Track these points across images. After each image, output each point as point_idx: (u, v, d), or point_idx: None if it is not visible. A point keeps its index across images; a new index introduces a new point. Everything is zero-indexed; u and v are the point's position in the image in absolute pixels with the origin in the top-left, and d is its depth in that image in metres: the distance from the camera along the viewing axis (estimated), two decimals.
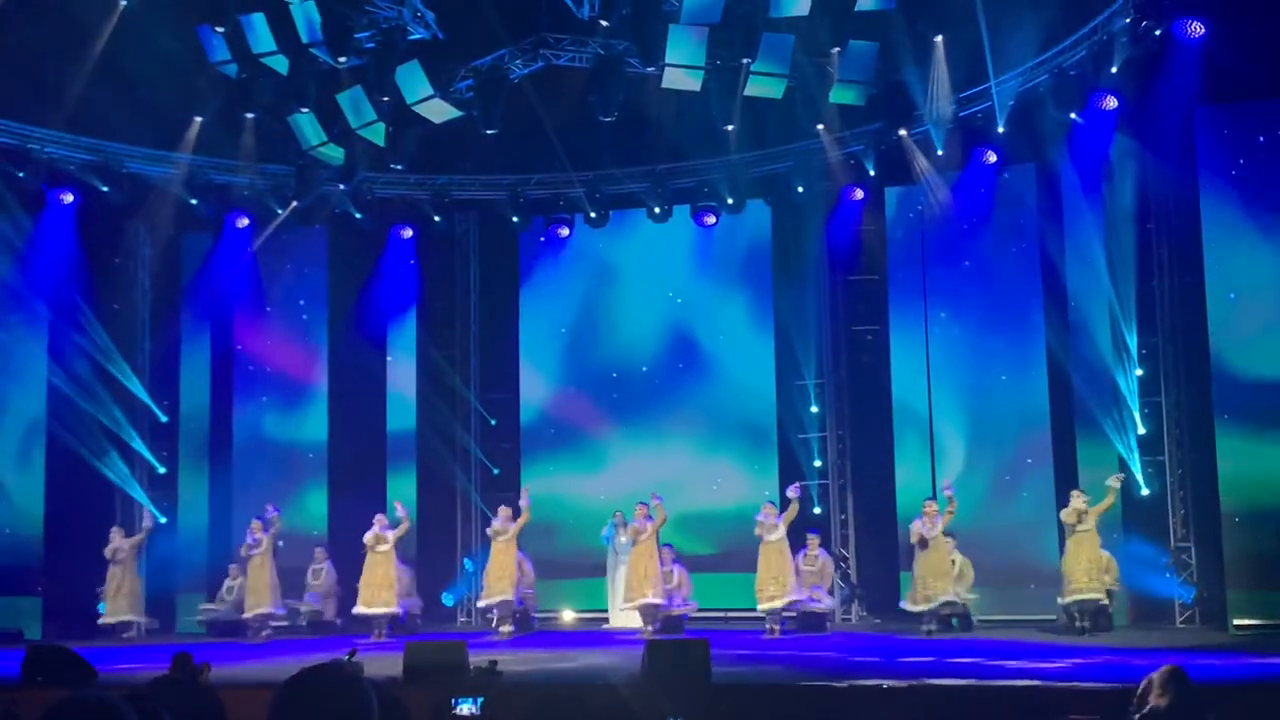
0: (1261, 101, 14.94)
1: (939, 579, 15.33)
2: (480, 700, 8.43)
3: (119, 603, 16.93)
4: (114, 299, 19.36)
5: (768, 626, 15.79)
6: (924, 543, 15.38)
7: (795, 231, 18.57)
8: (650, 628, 16.15)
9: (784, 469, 18.57)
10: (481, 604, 16.81)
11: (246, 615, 16.87)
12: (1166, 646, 12.87)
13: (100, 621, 16.90)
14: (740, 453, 18.68)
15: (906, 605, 15.80)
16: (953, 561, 15.75)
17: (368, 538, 16.59)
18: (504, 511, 16.77)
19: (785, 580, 15.78)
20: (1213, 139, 15.11)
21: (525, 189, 19.35)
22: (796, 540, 16.93)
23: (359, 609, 16.54)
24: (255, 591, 16.79)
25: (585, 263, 19.84)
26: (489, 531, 16.72)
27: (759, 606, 15.92)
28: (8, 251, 17.97)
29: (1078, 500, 15.01)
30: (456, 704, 8.36)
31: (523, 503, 16.70)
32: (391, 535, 16.62)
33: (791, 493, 15.97)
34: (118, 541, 17.04)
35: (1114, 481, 15.05)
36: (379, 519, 16.70)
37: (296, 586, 17.67)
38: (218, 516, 18.76)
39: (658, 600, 16.12)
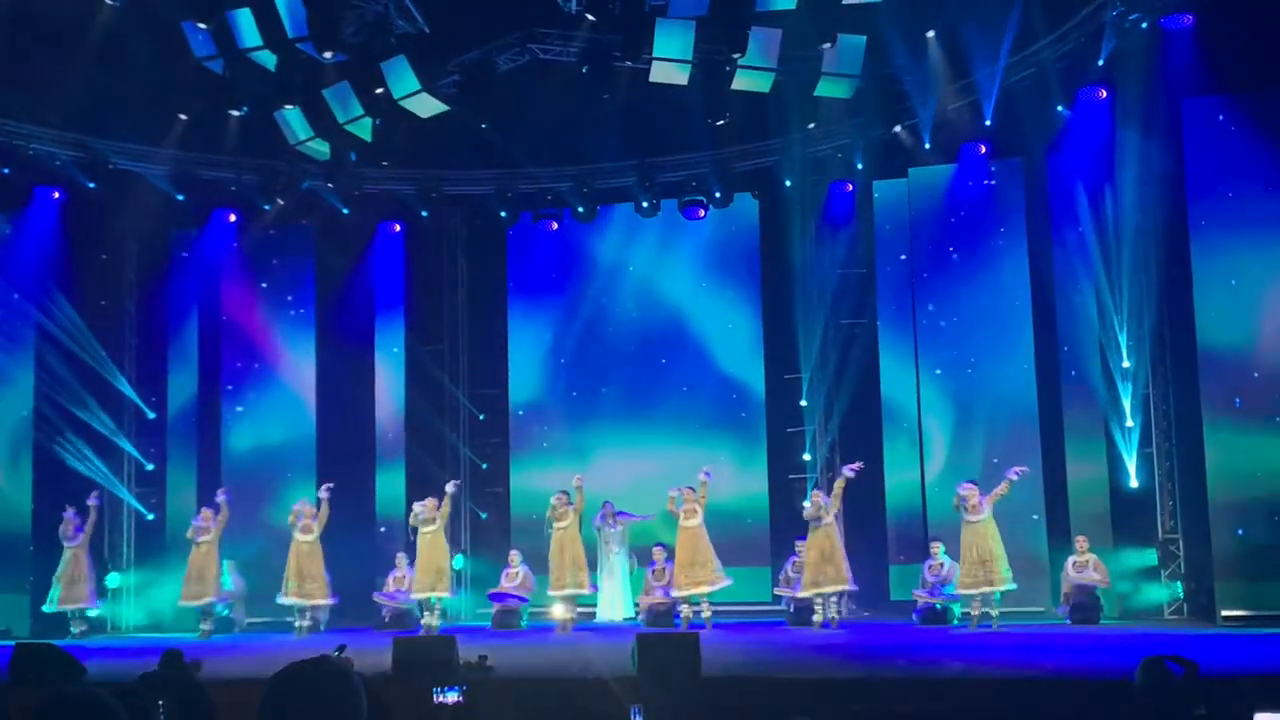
0: (1249, 92, 14.94)
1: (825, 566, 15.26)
2: (463, 688, 8.37)
3: (76, 590, 16.78)
4: (100, 295, 19.31)
5: (698, 615, 15.52)
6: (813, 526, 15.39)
7: (783, 225, 18.58)
8: (572, 616, 16.12)
9: (773, 462, 18.63)
10: (415, 598, 16.54)
11: (187, 602, 16.58)
12: (1154, 636, 12.90)
13: (49, 609, 16.55)
14: (729, 446, 18.68)
15: (802, 593, 15.57)
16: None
17: (294, 525, 16.52)
18: (429, 502, 16.54)
19: (710, 564, 15.63)
20: (1200, 130, 15.11)
21: (513, 183, 19.34)
22: (785, 542, 16.98)
23: (288, 599, 16.45)
24: (201, 581, 16.39)
25: (573, 257, 19.85)
26: (414, 521, 16.42)
27: (675, 592, 15.74)
28: None
29: (967, 491, 14.95)
30: (438, 694, 8.29)
31: (449, 489, 16.64)
32: (317, 525, 16.52)
33: (702, 475, 15.76)
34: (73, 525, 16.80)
35: (1013, 474, 14.97)
36: (305, 508, 16.55)
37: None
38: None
39: (582, 590, 16.08)
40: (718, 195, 18.58)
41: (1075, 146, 16.48)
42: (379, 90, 15.88)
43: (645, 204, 18.96)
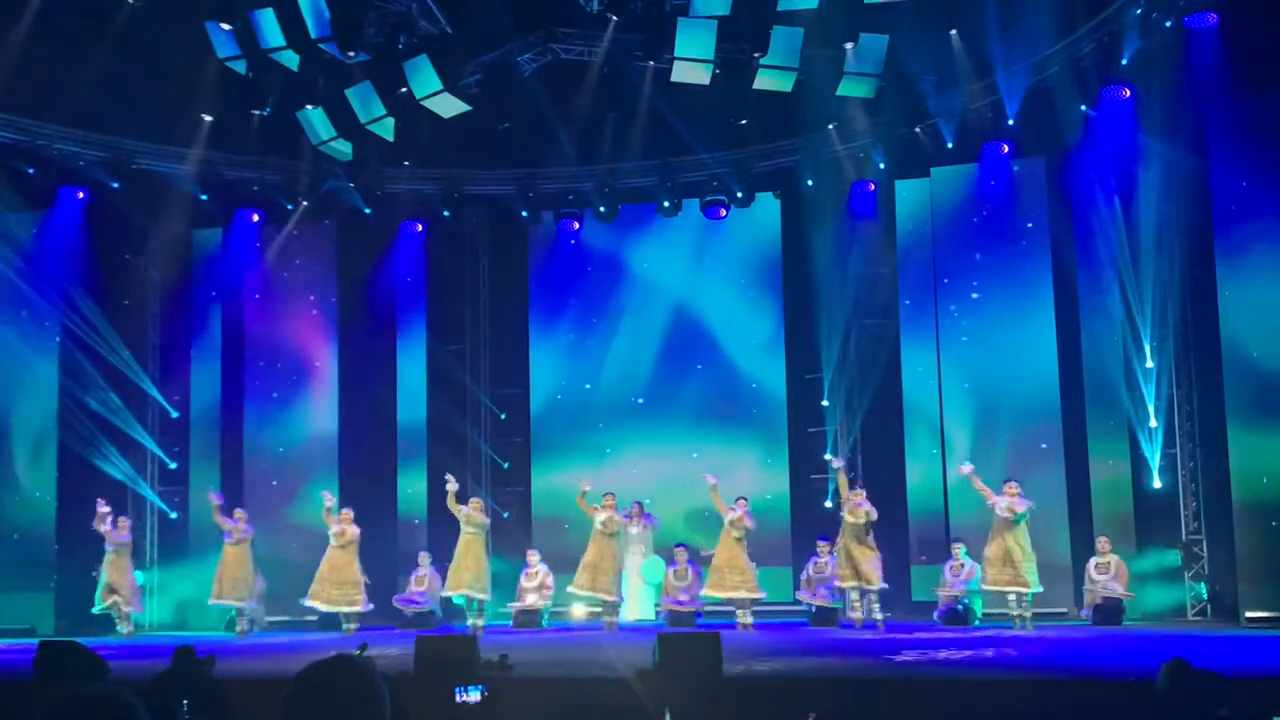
0: (1273, 91, 14.84)
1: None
2: (482, 688, 8.36)
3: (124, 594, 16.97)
4: (124, 295, 19.41)
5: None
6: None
7: (805, 225, 18.56)
8: (586, 613, 16.31)
9: (794, 462, 18.59)
10: (447, 593, 16.42)
11: (217, 600, 16.64)
12: (1177, 637, 12.84)
13: (101, 610, 16.70)
14: (751, 446, 18.68)
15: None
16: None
17: (336, 530, 16.41)
18: (475, 503, 16.44)
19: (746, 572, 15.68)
20: (1224, 129, 15.02)
21: (534, 184, 19.36)
22: (807, 542, 16.95)
23: (326, 606, 16.36)
24: (231, 581, 16.52)
25: (595, 257, 19.85)
26: (463, 516, 16.23)
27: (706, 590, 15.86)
28: (17, 248, 18.02)
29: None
30: (458, 693, 8.27)
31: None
32: (352, 531, 16.44)
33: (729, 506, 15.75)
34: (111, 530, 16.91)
35: (965, 472, 14.94)
36: (346, 514, 16.53)
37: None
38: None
39: (603, 595, 16.06)
40: (739, 195, 18.57)
41: (1098, 146, 16.41)
42: (401, 90, 15.92)
43: (667, 204, 18.97)
